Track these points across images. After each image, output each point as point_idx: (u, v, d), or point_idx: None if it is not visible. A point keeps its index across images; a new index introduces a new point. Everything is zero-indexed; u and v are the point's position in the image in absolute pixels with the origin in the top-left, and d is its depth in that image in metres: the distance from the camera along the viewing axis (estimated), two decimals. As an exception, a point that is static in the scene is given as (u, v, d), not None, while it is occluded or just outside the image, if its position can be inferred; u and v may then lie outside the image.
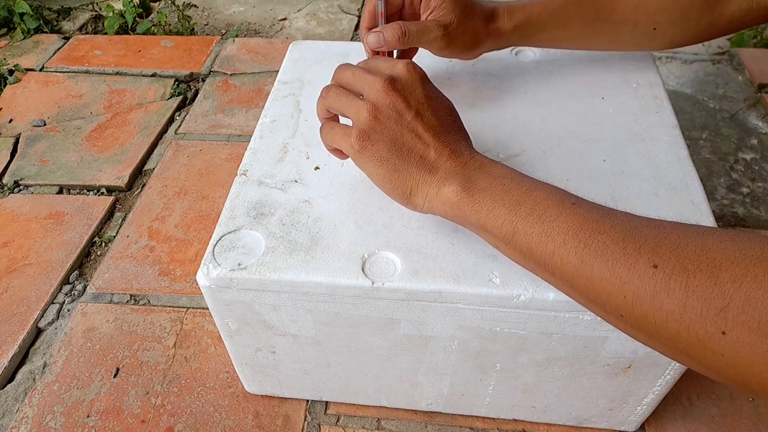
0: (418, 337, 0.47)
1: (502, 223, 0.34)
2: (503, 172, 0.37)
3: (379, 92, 0.39)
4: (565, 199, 0.34)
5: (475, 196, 0.36)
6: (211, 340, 0.67)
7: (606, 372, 0.48)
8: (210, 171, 0.90)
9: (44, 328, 0.70)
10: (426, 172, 0.38)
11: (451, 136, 0.39)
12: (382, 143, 0.38)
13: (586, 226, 0.31)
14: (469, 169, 0.37)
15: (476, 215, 0.36)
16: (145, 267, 0.76)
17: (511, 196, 0.35)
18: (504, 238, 0.35)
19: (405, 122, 0.38)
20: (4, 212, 0.85)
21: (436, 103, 0.40)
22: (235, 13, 1.35)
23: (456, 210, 0.37)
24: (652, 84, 0.59)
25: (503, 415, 0.58)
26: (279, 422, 0.60)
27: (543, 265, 0.34)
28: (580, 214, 0.32)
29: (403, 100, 0.38)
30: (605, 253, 0.30)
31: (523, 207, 0.34)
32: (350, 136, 0.39)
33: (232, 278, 0.44)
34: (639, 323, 0.29)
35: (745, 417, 0.59)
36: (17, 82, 1.10)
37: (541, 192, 0.35)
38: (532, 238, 0.33)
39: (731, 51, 1.11)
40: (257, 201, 0.49)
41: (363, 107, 0.39)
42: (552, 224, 0.33)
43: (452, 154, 0.38)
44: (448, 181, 0.37)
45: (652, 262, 0.28)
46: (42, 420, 0.61)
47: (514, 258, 0.36)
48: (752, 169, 0.88)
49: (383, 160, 0.38)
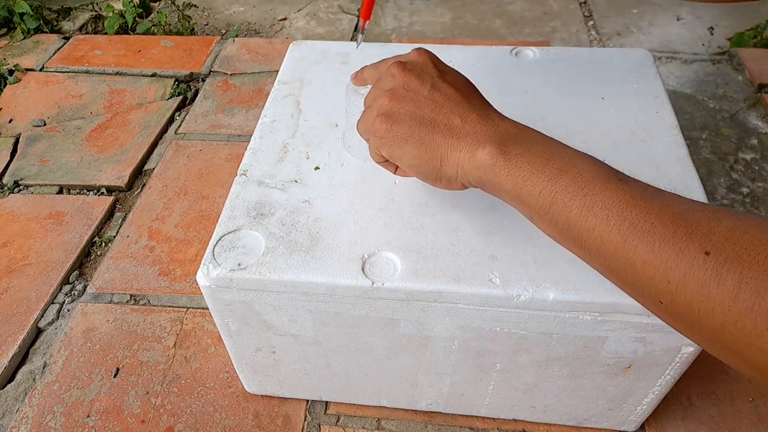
0: (418, 337, 0.47)
1: (540, 192, 0.32)
2: (542, 138, 0.35)
3: (392, 76, 0.39)
4: (612, 174, 0.32)
5: (512, 160, 0.33)
6: (211, 340, 0.67)
7: (606, 372, 0.48)
8: (210, 171, 0.90)
9: (44, 328, 0.70)
10: (454, 138, 0.36)
11: (474, 102, 0.38)
12: (403, 122, 0.37)
13: (633, 204, 0.29)
14: (503, 132, 0.35)
15: (512, 181, 0.33)
16: (145, 267, 0.76)
17: (552, 164, 0.32)
18: (540, 208, 0.33)
19: (422, 97, 0.37)
20: (4, 212, 0.85)
21: (451, 77, 0.39)
22: (235, 13, 1.35)
23: (490, 175, 0.34)
24: (652, 84, 0.59)
25: (503, 415, 0.58)
26: (279, 422, 0.60)
27: (579, 240, 0.32)
28: (627, 190, 0.30)
29: (416, 77, 0.38)
30: (652, 234, 0.28)
31: (564, 177, 0.32)
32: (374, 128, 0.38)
33: (232, 278, 0.44)
34: (680, 312, 0.28)
35: (745, 417, 0.59)
36: (17, 82, 1.10)
37: (586, 164, 0.32)
38: (571, 211, 0.31)
39: (731, 51, 1.11)
40: (257, 201, 0.49)
41: (380, 95, 0.39)
42: (595, 198, 0.30)
43: (480, 118, 0.36)
44: (481, 143, 0.35)
45: (704, 249, 0.26)
46: (42, 420, 0.61)
47: (548, 231, 0.34)
48: (752, 169, 0.88)
49: (408, 137, 0.37)
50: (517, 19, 1.27)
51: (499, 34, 1.23)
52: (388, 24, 1.28)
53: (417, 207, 0.48)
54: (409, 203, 0.48)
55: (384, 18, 1.30)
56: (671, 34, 1.19)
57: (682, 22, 1.22)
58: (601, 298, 0.41)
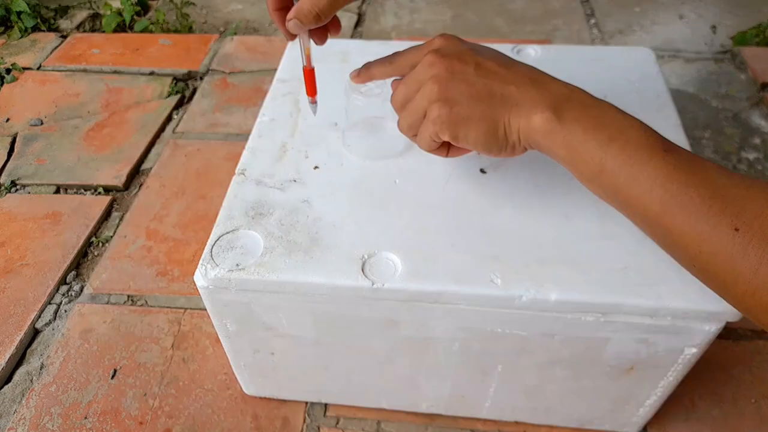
0: (419, 339, 0.47)
1: (591, 158, 0.34)
2: (594, 101, 0.37)
3: (432, 66, 0.39)
4: (658, 144, 0.34)
5: (567, 125, 0.35)
6: (210, 341, 0.67)
7: (608, 373, 0.48)
8: (208, 170, 0.89)
9: (41, 329, 0.70)
10: (512, 105, 0.37)
11: (520, 68, 0.39)
12: (461, 102, 0.38)
13: (674, 177, 0.32)
14: (558, 96, 0.37)
15: (566, 148, 0.35)
16: (143, 267, 0.75)
17: (603, 131, 0.34)
18: (591, 174, 0.35)
19: (470, 76, 0.38)
20: (0, 212, 0.84)
21: (487, 51, 0.40)
22: (233, 11, 1.34)
23: (547, 140, 0.36)
24: (654, 83, 0.58)
25: (505, 417, 0.57)
26: (278, 424, 0.59)
27: (626, 205, 0.34)
28: (670, 162, 0.32)
29: (457, 60, 0.39)
30: (690, 207, 0.31)
31: (613, 145, 0.34)
32: (431, 115, 0.39)
33: (230, 279, 0.43)
34: (710, 277, 0.32)
35: (748, 419, 0.59)
36: (14, 81, 1.09)
37: (635, 132, 0.34)
38: (619, 179, 0.34)
39: (734, 50, 1.11)
40: (256, 201, 0.48)
41: (427, 86, 0.39)
42: (641, 168, 0.33)
43: (533, 83, 0.37)
44: (538, 107, 0.36)
45: (734, 225, 0.29)
46: (39, 421, 0.60)
47: (598, 194, 0.36)
48: (755, 168, 0.87)
49: (470, 115, 0.38)
50: (518, 17, 1.27)
51: (501, 33, 1.22)
52: (388, 22, 1.27)
53: (417, 207, 0.47)
54: (409, 203, 0.48)
55: (384, 16, 1.29)
56: (674, 32, 1.18)
57: (684, 21, 1.22)
58: (604, 299, 0.41)
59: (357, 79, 0.46)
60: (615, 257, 0.43)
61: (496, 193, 0.48)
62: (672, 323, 0.42)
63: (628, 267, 0.42)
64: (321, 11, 0.39)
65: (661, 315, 0.41)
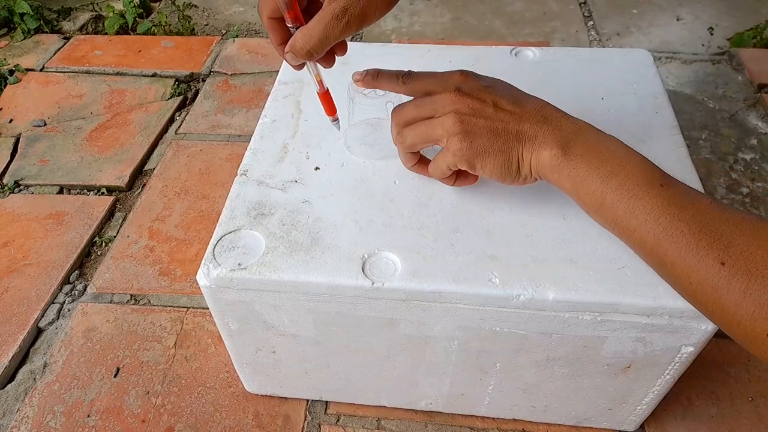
0: (418, 337, 0.47)
1: (593, 191, 0.37)
2: (599, 137, 0.39)
3: (454, 102, 0.42)
4: (656, 179, 0.36)
5: (572, 161, 0.38)
6: (212, 339, 0.67)
7: (606, 372, 0.49)
8: (210, 171, 0.90)
9: (45, 327, 0.70)
10: (527, 141, 0.40)
11: (532, 106, 0.42)
12: (481, 136, 0.41)
13: (667, 211, 0.34)
14: (566, 133, 0.39)
15: (571, 182, 0.38)
16: (146, 267, 0.76)
17: (606, 166, 0.37)
18: (593, 205, 0.38)
19: (489, 114, 0.41)
20: (4, 212, 0.85)
21: (501, 89, 0.43)
22: (235, 13, 1.35)
23: (555, 174, 0.39)
24: (651, 84, 0.59)
25: (503, 414, 0.58)
26: (279, 422, 0.60)
27: (625, 236, 0.37)
28: (665, 197, 0.35)
29: (477, 100, 0.42)
30: (680, 240, 0.33)
31: (614, 179, 0.36)
32: (451, 147, 0.41)
33: (232, 278, 0.44)
34: (701, 307, 0.34)
35: (745, 417, 0.59)
36: (17, 82, 1.10)
37: (635, 167, 0.37)
38: (617, 211, 0.36)
39: (731, 51, 1.11)
40: (257, 201, 0.49)
41: (448, 119, 0.41)
42: (637, 203, 0.35)
43: (544, 120, 0.40)
44: (548, 145, 0.39)
45: (721, 259, 0.31)
46: (42, 420, 0.61)
47: (600, 224, 0.39)
48: (752, 169, 0.88)
49: (488, 149, 0.41)
50: (516, 20, 1.27)
51: (499, 34, 1.23)
52: (387, 24, 1.28)
53: (417, 207, 0.48)
54: (409, 203, 0.48)
55: (384, 18, 1.30)
56: (671, 34, 1.19)
57: (682, 23, 1.22)
58: (601, 298, 0.42)
59: (361, 83, 0.47)
60: (612, 257, 0.43)
61: (494, 193, 0.48)
62: (669, 322, 0.42)
63: (625, 267, 0.43)
64: (313, 48, 0.40)
65: (658, 314, 0.42)
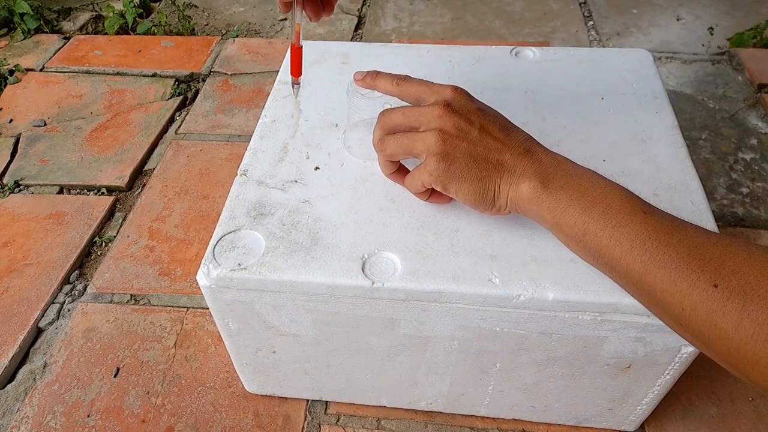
0: (418, 337, 0.47)
1: (575, 222, 0.36)
2: (578, 171, 0.38)
3: (440, 118, 0.41)
4: (638, 207, 0.35)
5: (552, 193, 0.37)
6: (212, 339, 0.67)
7: (606, 372, 0.49)
8: (210, 171, 0.90)
9: (45, 327, 0.70)
10: (505, 173, 0.39)
11: (517, 137, 0.41)
12: (460, 161, 0.40)
13: (654, 237, 0.33)
14: (546, 167, 0.39)
15: (552, 213, 0.37)
16: (146, 267, 0.76)
17: (586, 197, 0.36)
18: (575, 237, 0.36)
19: (473, 137, 0.40)
20: (4, 212, 0.85)
21: (491, 114, 0.42)
22: (235, 13, 1.35)
23: (534, 206, 0.38)
24: (651, 84, 0.59)
25: (503, 414, 0.58)
26: (279, 422, 0.60)
27: (610, 266, 0.35)
28: (649, 223, 0.34)
29: (464, 119, 0.41)
30: (669, 265, 0.32)
31: (596, 209, 0.35)
32: (428, 166, 0.41)
33: (232, 278, 0.44)
34: (695, 334, 0.31)
35: (745, 417, 0.59)
36: (17, 82, 1.10)
37: (616, 196, 0.36)
38: (601, 240, 0.35)
39: (731, 51, 1.11)
40: (257, 201, 0.49)
41: (430, 136, 0.40)
42: (622, 230, 0.34)
43: (526, 153, 0.40)
44: (527, 177, 0.38)
45: (713, 282, 0.30)
46: (42, 420, 0.61)
47: (583, 256, 0.38)
48: (752, 169, 0.88)
49: (465, 174, 0.40)
50: (516, 19, 1.27)
51: (499, 34, 1.23)
52: (387, 24, 1.28)
53: (417, 207, 0.48)
54: (409, 203, 0.48)
55: (384, 18, 1.30)
56: (671, 34, 1.19)
57: (681, 23, 1.22)
58: (601, 298, 0.42)
59: (361, 82, 0.47)
60: (611, 257, 0.43)
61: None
62: (668, 322, 0.42)
63: (624, 266, 0.43)
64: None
65: (657, 314, 0.42)
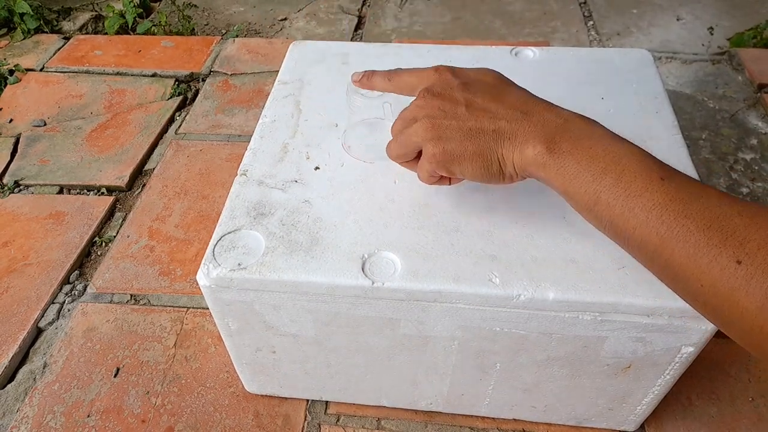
0: (418, 337, 0.47)
1: (585, 190, 0.34)
2: (588, 131, 0.36)
3: (424, 106, 0.40)
4: (655, 172, 0.32)
5: (560, 159, 0.35)
6: (212, 339, 0.67)
7: (606, 372, 0.49)
8: (210, 171, 0.90)
9: (44, 327, 0.70)
10: (505, 140, 0.37)
11: (513, 99, 0.39)
12: (453, 140, 0.38)
13: (671, 207, 0.30)
14: (550, 128, 0.36)
15: (560, 179, 0.35)
16: (146, 267, 0.76)
17: (597, 163, 0.34)
18: (586, 205, 0.34)
19: (461, 114, 0.38)
20: (4, 212, 0.85)
21: (477, 85, 0.40)
22: (235, 13, 1.35)
23: (541, 172, 0.36)
24: (651, 84, 0.59)
25: (503, 414, 0.58)
26: (279, 422, 0.60)
27: (623, 237, 0.33)
28: (667, 192, 0.31)
29: (447, 100, 0.39)
30: (688, 239, 0.29)
31: (608, 176, 0.33)
32: (426, 154, 0.40)
33: (232, 278, 0.44)
34: (714, 312, 0.30)
35: (745, 417, 0.59)
36: (17, 82, 1.10)
37: (630, 161, 0.33)
38: (614, 210, 0.33)
39: (731, 51, 1.11)
40: (257, 201, 0.49)
41: (419, 125, 0.40)
42: (636, 200, 0.32)
43: (525, 116, 0.37)
44: (531, 142, 0.36)
45: (736, 258, 0.27)
46: (42, 420, 0.61)
47: (594, 224, 0.36)
48: (752, 169, 0.88)
49: (463, 152, 0.38)
50: (517, 19, 1.27)
51: (499, 34, 1.23)
52: (387, 24, 1.28)
53: (417, 207, 0.48)
54: (409, 203, 0.48)
55: (384, 18, 1.30)
56: (671, 34, 1.19)
57: (682, 22, 1.22)
58: (601, 298, 0.42)
59: (358, 83, 0.47)
60: (612, 257, 0.43)
61: (494, 193, 0.48)
62: (669, 322, 0.42)
63: (625, 267, 0.43)
64: None
65: (658, 314, 0.42)
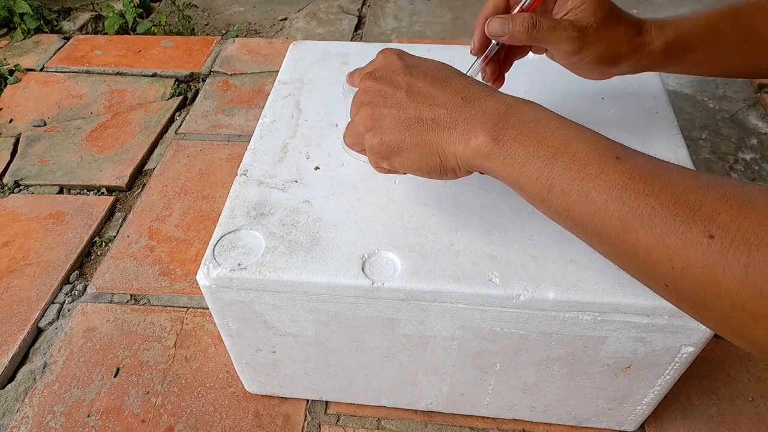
0: (418, 337, 0.47)
1: (537, 179, 0.31)
2: (534, 115, 0.33)
3: (367, 91, 0.38)
4: (608, 152, 0.30)
5: (506, 147, 0.32)
6: (212, 339, 0.67)
7: (606, 372, 0.49)
8: (210, 171, 0.90)
9: (44, 327, 0.70)
10: (444, 130, 0.34)
11: (455, 86, 0.36)
12: (390, 130, 0.36)
13: (631, 187, 0.28)
14: (493, 115, 0.33)
15: (509, 169, 0.32)
16: (146, 267, 0.76)
17: (546, 148, 0.31)
18: (539, 195, 0.32)
19: (400, 100, 0.36)
20: (4, 212, 0.85)
21: (422, 69, 0.37)
22: (235, 13, 1.35)
23: (487, 163, 0.33)
24: (651, 84, 0.59)
25: (503, 414, 0.58)
26: (279, 422, 0.60)
27: (581, 226, 0.31)
28: (625, 171, 0.29)
29: (388, 84, 0.37)
30: (653, 218, 0.27)
31: (559, 161, 0.30)
32: (366, 146, 0.38)
33: (232, 278, 0.44)
34: (687, 296, 0.27)
35: (745, 417, 0.59)
36: (17, 82, 1.10)
37: (581, 143, 0.31)
38: (570, 197, 0.30)
39: (731, 51, 1.11)
40: (257, 201, 0.49)
41: (359, 115, 0.38)
42: (592, 183, 0.29)
43: (466, 102, 0.34)
44: (474, 131, 0.33)
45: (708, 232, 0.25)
46: (42, 420, 0.61)
47: (549, 216, 0.33)
48: (752, 169, 0.88)
49: (401, 143, 0.36)
50: (517, 19, 1.27)
51: (499, 34, 1.23)
52: (387, 24, 1.28)
53: (417, 207, 0.48)
54: (409, 203, 0.48)
55: (384, 18, 1.30)
56: (671, 34, 1.19)
57: (682, 22, 1.22)
58: (601, 298, 0.42)
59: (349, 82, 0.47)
60: (612, 256, 0.43)
61: (494, 192, 0.48)
62: (669, 322, 0.42)
63: (624, 266, 0.43)
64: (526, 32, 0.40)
65: (658, 314, 0.42)
